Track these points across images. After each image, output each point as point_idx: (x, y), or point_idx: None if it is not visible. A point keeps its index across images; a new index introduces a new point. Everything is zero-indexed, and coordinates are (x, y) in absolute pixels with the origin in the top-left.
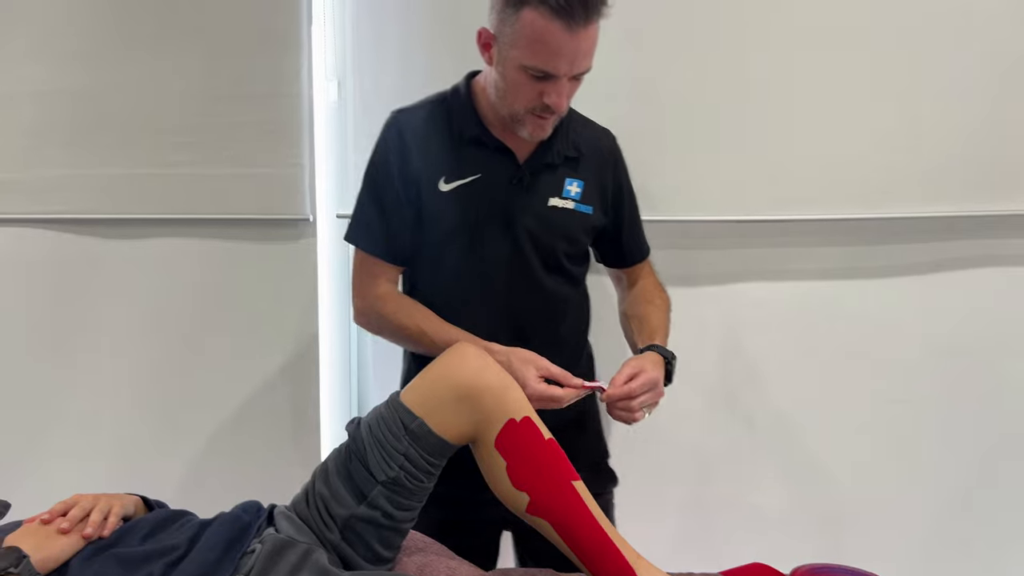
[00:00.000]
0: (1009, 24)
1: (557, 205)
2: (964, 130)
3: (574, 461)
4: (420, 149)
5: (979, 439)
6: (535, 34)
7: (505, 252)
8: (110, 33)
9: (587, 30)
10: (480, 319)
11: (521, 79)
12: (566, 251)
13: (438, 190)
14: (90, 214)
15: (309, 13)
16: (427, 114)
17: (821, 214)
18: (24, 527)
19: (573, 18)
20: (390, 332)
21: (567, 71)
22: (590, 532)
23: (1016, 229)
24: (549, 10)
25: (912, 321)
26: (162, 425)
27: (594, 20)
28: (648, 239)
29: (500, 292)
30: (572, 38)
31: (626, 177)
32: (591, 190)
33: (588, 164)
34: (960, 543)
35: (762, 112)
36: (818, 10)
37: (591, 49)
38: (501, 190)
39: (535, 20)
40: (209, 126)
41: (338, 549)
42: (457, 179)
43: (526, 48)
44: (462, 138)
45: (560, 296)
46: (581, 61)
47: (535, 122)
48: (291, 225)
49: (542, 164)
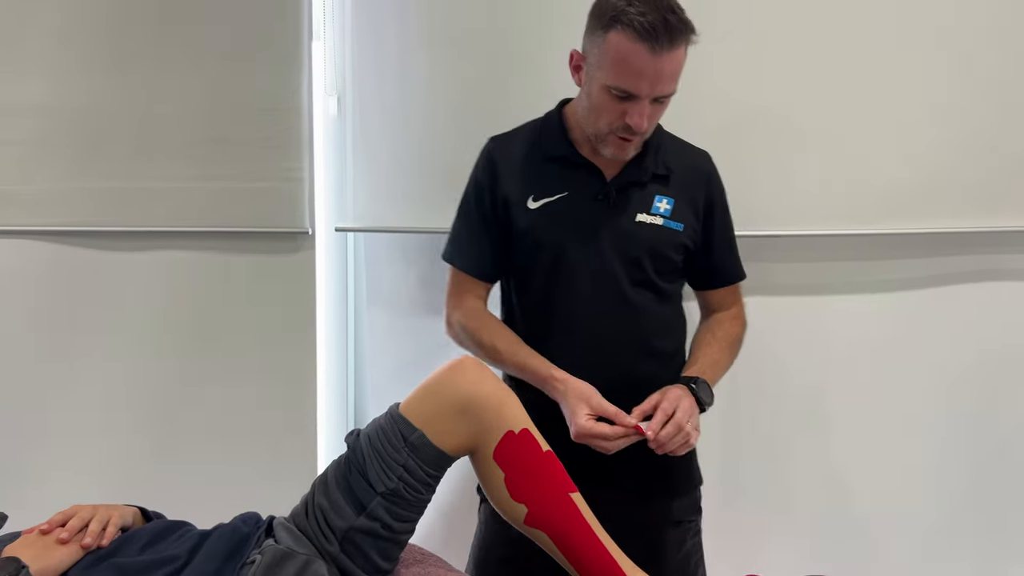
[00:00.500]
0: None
1: (645, 221)
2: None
3: (669, 483)
4: (510, 169)
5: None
6: (619, 55)
7: (590, 266)
8: (113, 48)
9: (671, 54)
10: (567, 332)
11: (605, 99)
12: (654, 267)
13: (527, 208)
14: (92, 226)
15: (310, 30)
16: (518, 137)
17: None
18: (23, 537)
19: (657, 41)
20: (472, 346)
21: (648, 92)
22: (588, 544)
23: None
24: (634, 32)
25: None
26: (160, 436)
27: (678, 45)
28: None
29: (585, 305)
30: (655, 60)
31: (720, 197)
32: (682, 207)
33: (679, 182)
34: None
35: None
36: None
37: (675, 73)
38: (587, 207)
39: (620, 42)
40: (211, 140)
41: (337, 560)
42: (545, 196)
43: (610, 69)
44: (550, 157)
45: (649, 311)
46: (663, 84)
47: (617, 142)
48: (290, 238)
49: (629, 181)
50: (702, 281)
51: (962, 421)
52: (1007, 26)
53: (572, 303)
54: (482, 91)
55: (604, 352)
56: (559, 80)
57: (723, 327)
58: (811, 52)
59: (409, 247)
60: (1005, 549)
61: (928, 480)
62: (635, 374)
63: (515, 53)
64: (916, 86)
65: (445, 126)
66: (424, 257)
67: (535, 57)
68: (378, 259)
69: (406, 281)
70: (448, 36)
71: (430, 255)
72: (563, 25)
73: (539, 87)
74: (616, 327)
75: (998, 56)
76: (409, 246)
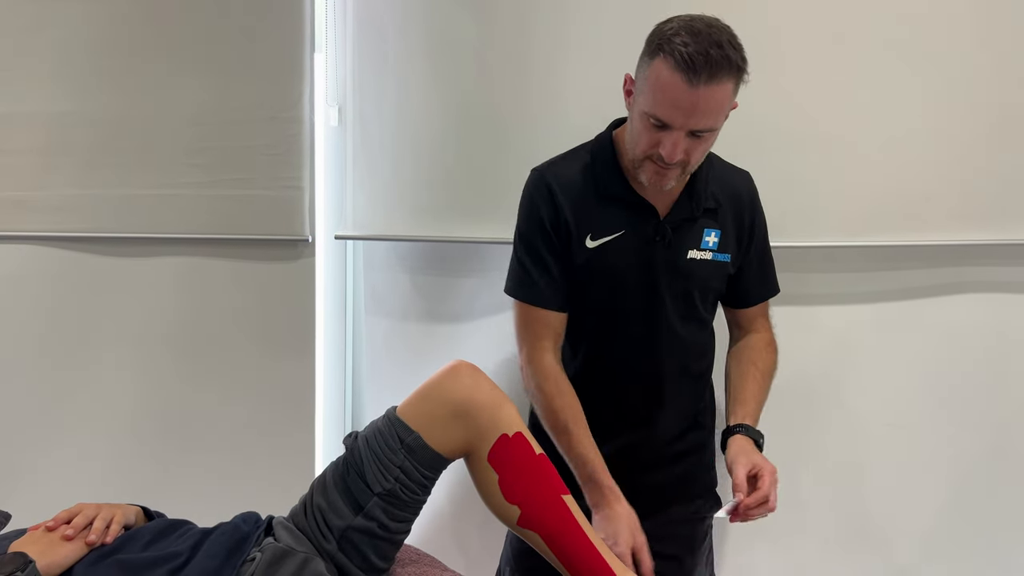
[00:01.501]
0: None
1: (696, 257)
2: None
3: (692, 487)
4: (570, 202)
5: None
6: (658, 83)
7: (643, 305)
8: (121, 59)
9: (709, 88)
10: (617, 368)
11: (643, 125)
12: (702, 300)
13: (585, 246)
14: (99, 232)
15: (312, 42)
16: (571, 166)
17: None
18: (29, 534)
19: (695, 73)
20: (541, 408)
21: (683, 124)
22: (579, 545)
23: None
24: (674, 62)
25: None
26: (162, 438)
27: (720, 80)
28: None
29: (636, 343)
30: (691, 93)
31: (760, 218)
32: (728, 238)
33: (727, 212)
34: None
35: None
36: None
37: (714, 109)
38: (644, 246)
39: (661, 70)
40: (215, 149)
41: (335, 559)
42: (602, 236)
43: (649, 95)
44: (606, 195)
45: (693, 341)
46: (699, 118)
47: (653, 169)
48: (291, 245)
49: (682, 219)
50: (737, 300)
51: (956, 428)
52: (1000, 38)
53: (623, 340)
54: (480, 102)
55: (651, 383)
56: (559, 91)
57: (762, 357)
58: (803, 66)
59: (407, 255)
60: (1001, 551)
61: (926, 482)
62: (668, 393)
63: (514, 64)
64: (907, 99)
65: (444, 136)
66: (422, 264)
67: (535, 68)
68: (377, 267)
69: (404, 288)
70: (447, 47)
71: (428, 263)
72: (563, 36)
73: (538, 98)
74: (665, 362)
75: (994, 68)
76: (407, 254)
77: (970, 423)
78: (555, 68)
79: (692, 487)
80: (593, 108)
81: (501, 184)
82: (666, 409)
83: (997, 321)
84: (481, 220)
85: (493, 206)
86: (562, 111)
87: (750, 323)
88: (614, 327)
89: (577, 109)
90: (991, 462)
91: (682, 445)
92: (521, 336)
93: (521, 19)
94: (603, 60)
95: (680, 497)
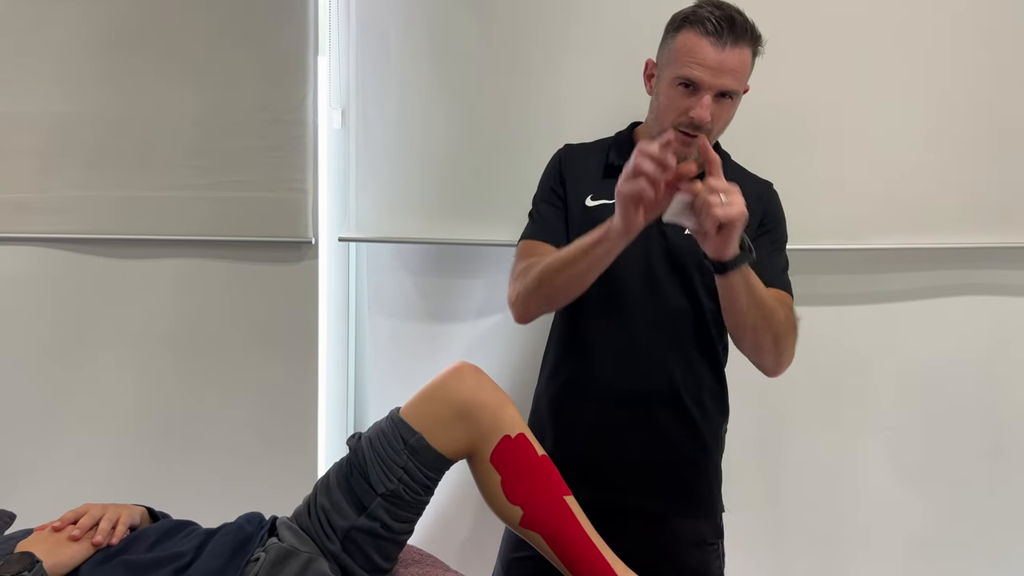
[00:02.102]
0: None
1: (689, 232)
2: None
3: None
4: (577, 168)
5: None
6: (685, 48)
7: (637, 269)
8: (125, 62)
9: (735, 50)
10: (608, 329)
11: (671, 94)
12: (704, 280)
13: (585, 204)
14: (103, 234)
15: (316, 45)
16: (589, 147)
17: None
18: (36, 534)
19: (720, 36)
20: (534, 282)
21: (711, 82)
22: (581, 545)
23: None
24: (701, 27)
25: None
26: (166, 439)
27: (743, 44)
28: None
29: (628, 304)
30: (718, 52)
31: (775, 217)
32: None
33: None
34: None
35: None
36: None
37: (738, 69)
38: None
39: (688, 37)
40: (219, 151)
41: (338, 559)
42: (603, 198)
43: (676, 62)
44: (615, 166)
45: (687, 318)
46: (726, 77)
47: (681, 139)
48: (294, 247)
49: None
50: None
51: (956, 431)
52: (1004, 40)
53: (616, 300)
54: (483, 104)
55: (638, 348)
56: (561, 92)
57: (781, 303)
58: (803, 67)
59: (409, 257)
60: (1001, 551)
61: (926, 483)
62: (669, 380)
63: (516, 66)
64: (909, 102)
65: (446, 139)
66: (424, 267)
67: (536, 70)
68: (379, 269)
69: (407, 290)
70: (449, 50)
71: (431, 265)
72: (564, 38)
73: (540, 100)
74: (653, 327)
75: (997, 70)
76: (409, 256)
77: (971, 426)
78: (557, 70)
79: (691, 505)
80: (595, 109)
81: (504, 186)
82: (663, 393)
83: (999, 324)
84: (484, 222)
85: (496, 208)
86: (564, 113)
87: None
88: (606, 285)
89: (579, 111)
90: (991, 464)
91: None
92: (514, 269)
93: (523, 22)
94: (605, 61)
95: (674, 516)
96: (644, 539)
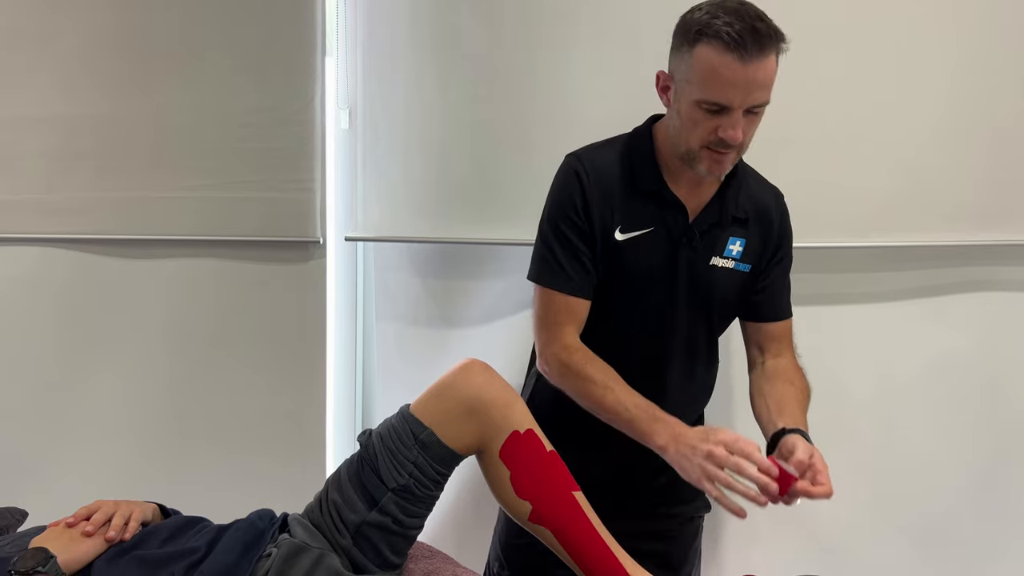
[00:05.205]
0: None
1: (718, 264)
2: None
3: (689, 488)
4: (602, 194)
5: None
6: (709, 68)
7: (662, 304)
8: (134, 64)
9: (761, 62)
10: (627, 363)
11: (697, 115)
12: (720, 312)
13: (614, 238)
14: (112, 234)
15: (323, 46)
16: (606, 156)
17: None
18: (49, 530)
19: (746, 50)
20: (568, 379)
21: (741, 103)
22: (590, 541)
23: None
24: (722, 44)
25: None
26: (177, 438)
27: (768, 53)
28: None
29: (650, 340)
30: (745, 69)
31: (788, 240)
32: (752, 248)
33: (755, 224)
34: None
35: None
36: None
37: (766, 82)
38: (670, 245)
39: (708, 55)
40: (227, 152)
41: (349, 554)
42: (632, 230)
43: (700, 83)
44: (640, 189)
45: (701, 346)
46: (756, 93)
47: (712, 157)
48: (302, 247)
49: (711, 224)
50: (763, 314)
51: (957, 429)
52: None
53: (638, 336)
54: (489, 104)
55: (657, 383)
56: (567, 93)
57: (798, 376)
58: (804, 67)
59: (416, 256)
60: (1001, 552)
61: (926, 482)
62: (671, 393)
63: (522, 67)
64: (909, 101)
65: (452, 138)
66: (431, 266)
67: (542, 71)
68: (386, 268)
69: (414, 289)
70: (456, 51)
71: (437, 264)
72: (570, 39)
73: (546, 100)
74: (672, 362)
75: (997, 69)
76: (416, 255)
77: (971, 424)
78: (563, 70)
79: (690, 489)
80: (601, 108)
81: (510, 186)
82: (667, 407)
83: (999, 321)
84: (491, 221)
85: (503, 207)
86: (570, 112)
87: (776, 344)
88: (631, 320)
89: (585, 110)
90: (992, 462)
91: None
92: (541, 322)
93: (529, 23)
94: (610, 61)
95: (678, 499)
96: (638, 530)
